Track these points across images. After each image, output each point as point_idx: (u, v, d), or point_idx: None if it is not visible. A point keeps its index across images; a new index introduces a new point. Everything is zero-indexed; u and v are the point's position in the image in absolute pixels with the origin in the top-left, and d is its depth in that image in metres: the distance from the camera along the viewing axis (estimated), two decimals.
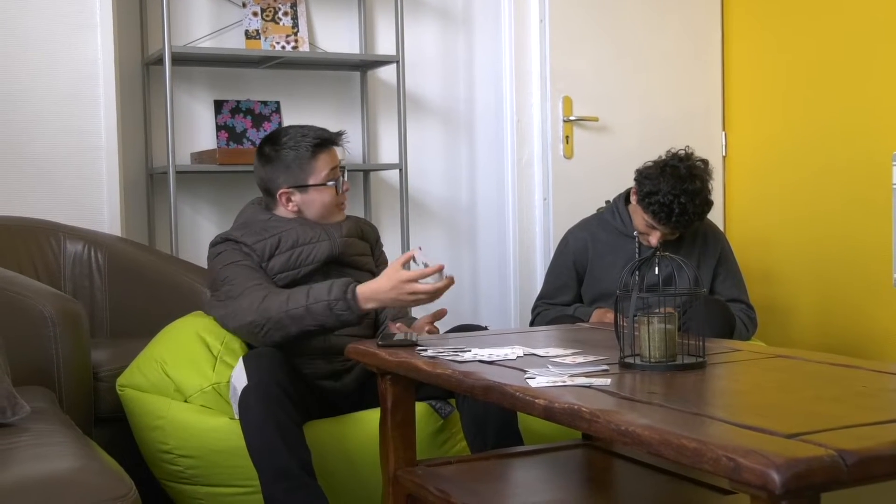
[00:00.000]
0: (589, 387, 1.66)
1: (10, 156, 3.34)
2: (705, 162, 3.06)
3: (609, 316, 3.00)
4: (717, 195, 4.38)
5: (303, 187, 2.66)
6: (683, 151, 3.05)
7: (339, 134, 2.73)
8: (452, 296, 4.19)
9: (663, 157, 3.05)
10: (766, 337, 3.98)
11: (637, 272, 1.93)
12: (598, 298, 3.17)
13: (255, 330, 2.46)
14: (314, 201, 2.68)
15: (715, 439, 1.28)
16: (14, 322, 2.47)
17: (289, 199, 2.67)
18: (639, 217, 3.09)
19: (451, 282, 2.39)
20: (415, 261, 2.39)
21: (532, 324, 3.29)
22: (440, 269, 2.35)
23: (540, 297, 3.32)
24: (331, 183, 2.67)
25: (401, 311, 2.78)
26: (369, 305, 2.42)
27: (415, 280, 2.36)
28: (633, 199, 3.11)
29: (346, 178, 2.73)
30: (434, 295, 2.38)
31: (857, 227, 3.85)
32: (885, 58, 3.72)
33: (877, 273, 3.76)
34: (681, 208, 2.96)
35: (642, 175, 3.04)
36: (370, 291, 2.41)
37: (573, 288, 3.25)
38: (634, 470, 2.17)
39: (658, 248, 3.09)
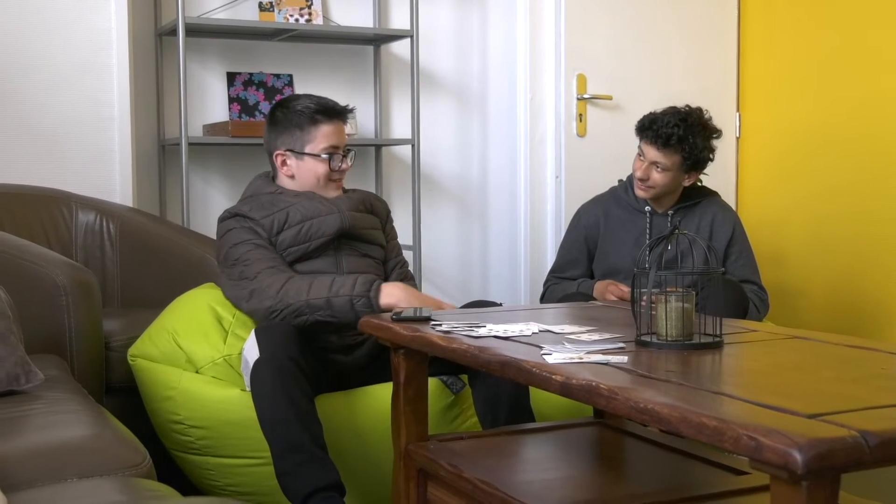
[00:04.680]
0: (606, 364, 1.65)
1: (23, 125, 3.33)
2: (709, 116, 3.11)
3: (610, 289, 3.00)
4: (729, 176, 4.40)
5: (298, 153, 2.66)
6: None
7: (346, 108, 2.71)
8: (463, 273, 4.22)
9: None
10: (777, 319, 3.96)
11: (650, 251, 1.92)
12: (608, 273, 3.16)
13: (271, 315, 2.47)
14: (308, 170, 2.67)
15: (735, 418, 1.28)
16: (27, 291, 2.48)
17: (284, 162, 2.68)
18: (636, 160, 3.11)
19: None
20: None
21: (542, 297, 3.30)
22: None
23: (551, 271, 3.33)
24: (325, 156, 2.66)
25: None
26: (388, 300, 2.46)
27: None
28: None
29: (348, 160, 2.71)
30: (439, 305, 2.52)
31: (870, 209, 3.83)
32: None
33: (890, 256, 3.74)
34: (664, 120, 3.02)
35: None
36: (395, 287, 2.48)
37: (583, 263, 3.25)
38: (645, 448, 2.17)
39: (676, 225, 3.08)
